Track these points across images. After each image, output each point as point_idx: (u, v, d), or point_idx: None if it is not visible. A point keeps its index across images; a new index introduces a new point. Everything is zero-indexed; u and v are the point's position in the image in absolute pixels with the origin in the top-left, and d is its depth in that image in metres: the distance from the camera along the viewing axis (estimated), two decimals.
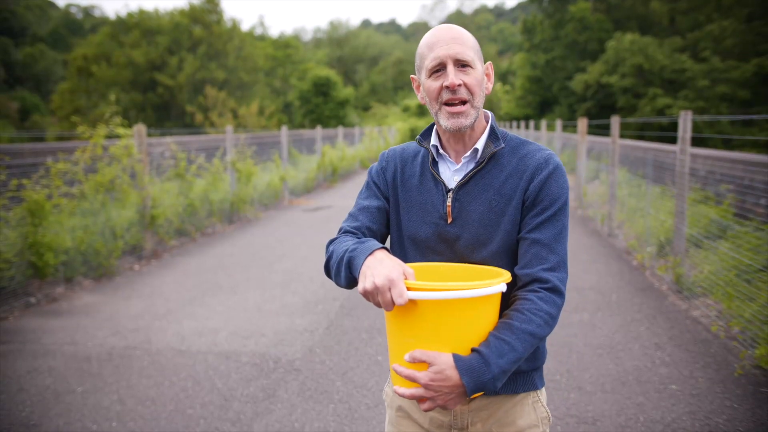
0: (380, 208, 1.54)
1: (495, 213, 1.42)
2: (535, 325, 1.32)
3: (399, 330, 1.30)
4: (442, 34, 1.41)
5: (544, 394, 1.53)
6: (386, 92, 62.19)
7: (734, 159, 6.84)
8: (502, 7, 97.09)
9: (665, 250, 6.41)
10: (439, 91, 1.40)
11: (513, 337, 1.29)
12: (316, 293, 5.75)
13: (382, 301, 1.22)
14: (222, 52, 45.26)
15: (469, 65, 1.40)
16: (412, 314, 1.25)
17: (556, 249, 1.39)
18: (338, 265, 1.41)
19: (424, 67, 1.43)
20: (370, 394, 3.62)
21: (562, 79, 38.82)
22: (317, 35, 76.97)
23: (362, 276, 1.27)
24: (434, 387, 1.24)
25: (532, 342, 1.32)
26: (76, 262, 6.26)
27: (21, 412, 3.44)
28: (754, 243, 4.80)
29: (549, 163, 1.42)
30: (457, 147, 1.48)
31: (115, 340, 4.58)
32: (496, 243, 1.42)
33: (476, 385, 1.24)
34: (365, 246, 1.35)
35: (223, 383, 3.80)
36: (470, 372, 1.24)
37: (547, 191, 1.40)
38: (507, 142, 1.47)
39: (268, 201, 11.97)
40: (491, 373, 1.25)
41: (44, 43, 56.44)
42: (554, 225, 1.40)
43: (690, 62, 30.24)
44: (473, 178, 1.45)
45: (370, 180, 1.59)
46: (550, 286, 1.36)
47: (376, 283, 1.22)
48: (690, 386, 3.64)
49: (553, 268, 1.38)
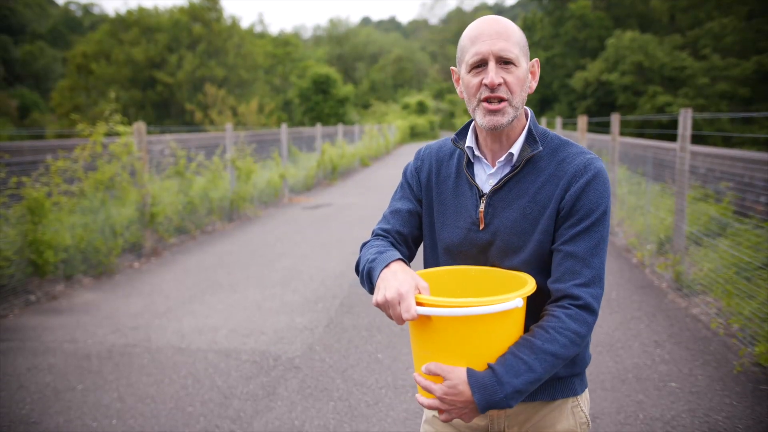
0: (411, 211, 1.50)
1: (528, 221, 1.35)
2: (558, 345, 1.25)
3: (416, 341, 1.30)
4: (486, 28, 1.32)
5: (585, 399, 1.46)
6: (386, 90, 62.16)
7: (734, 156, 6.84)
8: (502, 4, 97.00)
9: (665, 247, 6.42)
10: (478, 87, 1.32)
11: (532, 357, 1.23)
12: (316, 291, 5.76)
13: (392, 314, 1.22)
14: (221, 49, 45.21)
15: (513, 63, 1.31)
16: (426, 328, 1.24)
17: (591, 263, 1.30)
18: (362, 276, 1.41)
19: (465, 61, 1.34)
20: (369, 392, 3.62)
21: (562, 77, 38.80)
22: (317, 33, 76.95)
23: (376, 289, 1.27)
24: (448, 401, 1.22)
25: (554, 363, 1.25)
26: (75, 260, 6.26)
27: (21, 410, 3.44)
28: (754, 240, 4.80)
29: (588, 170, 1.33)
30: (494, 147, 1.40)
31: (114, 337, 4.58)
32: (527, 252, 1.35)
33: (487, 403, 1.20)
34: (383, 257, 1.33)
35: (223, 381, 3.80)
36: (482, 390, 1.20)
37: (584, 200, 1.32)
38: (546, 144, 1.39)
39: (268, 199, 11.97)
40: (503, 393, 1.20)
41: (44, 40, 56.37)
42: (591, 237, 1.30)
43: (690, 60, 30.22)
44: (508, 184, 1.37)
45: (404, 181, 1.54)
46: (582, 304, 1.28)
47: (386, 297, 1.21)
48: (689, 384, 3.64)
49: (587, 284, 1.29)
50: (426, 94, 55.12)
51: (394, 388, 3.66)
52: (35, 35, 57.20)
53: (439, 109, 52.27)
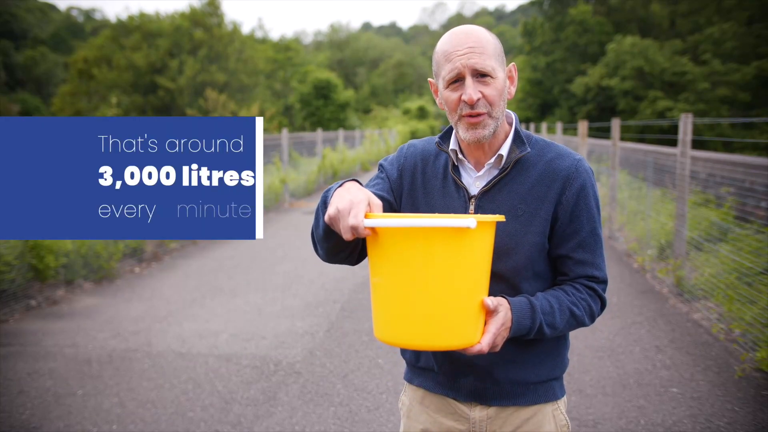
0: (384, 198, 1.45)
1: (520, 222, 1.35)
2: (577, 308, 1.34)
3: (372, 268, 1.23)
4: (460, 42, 1.31)
5: (564, 403, 1.49)
6: (387, 95, 62.22)
7: (735, 162, 6.84)
8: (503, 9, 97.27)
9: (666, 252, 6.41)
10: (457, 103, 1.32)
11: (557, 306, 1.31)
12: (317, 296, 5.75)
13: (342, 227, 1.18)
14: (223, 54, 45.28)
15: (489, 75, 1.30)
16: (377, 247, 1.19)
17: (600, 264, 1.40)
18: (316, 215, 1.37)
19: (441, 76, 1.34)
20: (370, 397, 3.61)
21: (563, 82, 38.84)
22: (318, 38, 77.07)
23: (330, 205, 1.22)
24: (502, 330, 1.25)
25: (570, 324, 1.34)
26: (76, 265, 6.26)
27: (21, 415, 3.43)
28: (755, 246, 4.80)
29: (580, 171, 1.36)
30: (478, 153, 1.41)
31: (115, 342, 4.58)
32: (521, 254, 1.35)
33: (519, 326, 1.26)
34: (337, 184, 1.32)
35: (224, 386, 3.79)
36: (519, 310, 1.26)
37: (583, 205, 1.35)
38: (532, 145, 1.40)
39: (269, 203, 11.98)
40: (532, 320, 1.27)
41: (45, 45, 56.51)
42: (595, 239, 1.38)
43: (690, 65, 30.24)
44: (497, 185, 1.37)
45: (382, 172, 1.52)
46: (598, 294, 1.40)
47: (338, 208, 1.18)
48: (691, 389, 3.63)
49: (598, 283, 1.40)
50: (427, 99, 55.16)
51: (395, 393, 3.66)
52: (37, 40, 57.35)
53: (439, 114, 52.31)
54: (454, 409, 1.45)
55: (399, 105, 55.49)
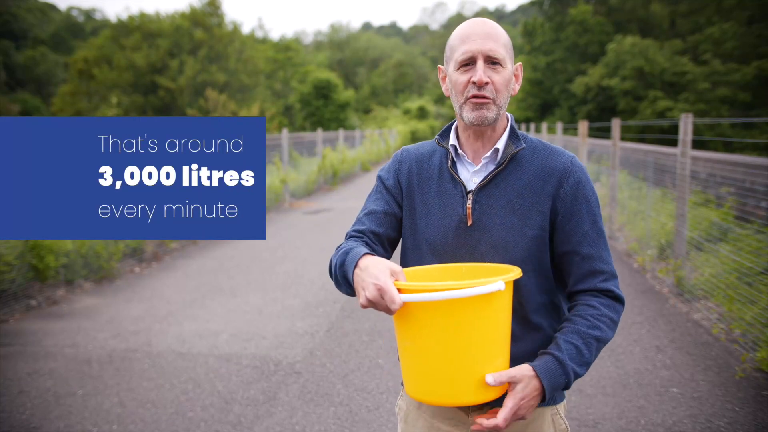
0: (387, 212, 1.49)
1: (518, 216, 1.38)
2: (600, 331, 1.35)
3: (400, 335, 1.27)
4: (477, 28, 1.37)
5: (564, 407, 1.50)
6: (387, 95, 62.19)
7: (735, 162, 6.84)
8: (503, 10, 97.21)
9: (666, 252, 6.41)
10: (465, 85, 1.36)
11: (581, 342, 1.31)
12: (317, 296, 5.75)
13: (381, 310, 1.21)
14: (223, 54, 45.28)
15: (500, 63, 1.36)
16: (407, 318, 1.22)
17: (606, 258, 1.40)
18: (336, 280, 1.40)
19: (454, 59, 1.38)
20: (370, 397, 3.61)
21: (563, 82, 38.83)
22: (318, 38, 77.04)
23: (356, 292, 1.27)
24: (526, 402, 1.24)
25: (598, 348, 1.35)
26: (76, 265, 6.26)
27: (21, 415, 3.43)
28: (755, 246, 4.80)
29: (575, 167, 1.40)
30: (476, 145, 1.43)
31: (115, 342, 4.58)
32: (521, 248, 1.37)
33: (553, 387, 1.26)
34: (350, 257, 1.32)
35: (224, 386, 3.79)
36: (548, 375, 1.26)
37: (582, 198, 1.38)
38: (527, 143, 1.44)
39: (269, 204, 11.97)
40: (566, 375, 1.27)
41: (45, 45, 56.51)
42: (598, 232, 1.39)
43: (690, 65, 30.23)
44: (494, 180, 1.40)
45: (380, 184, 1.54)
46: (613, 295, 1.39)
47: (368, 298, 1.20)
48: (691, 389, 3.63)
49: (609, 278, 1.39)
50: (427, 99, 55.12)
51: (395, 393, 3.66)
52: (37, 40, 57.35)
53: (440, 114, 52.28)
54: (452, 414, 1.45)
55: (399, 105, 55.46)
